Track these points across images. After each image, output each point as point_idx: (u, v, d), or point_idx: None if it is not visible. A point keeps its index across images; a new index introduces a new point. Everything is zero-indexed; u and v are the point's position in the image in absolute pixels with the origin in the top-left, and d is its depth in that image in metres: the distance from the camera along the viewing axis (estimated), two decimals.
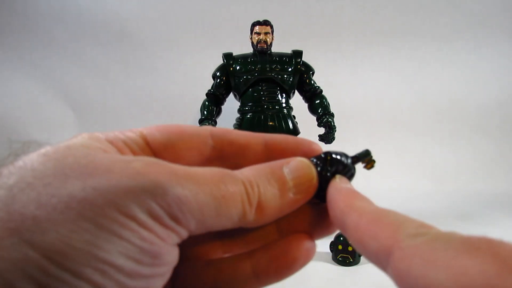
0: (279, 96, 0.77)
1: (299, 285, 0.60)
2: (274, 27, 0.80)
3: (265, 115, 0.75)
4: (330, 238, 0.68)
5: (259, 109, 0.76)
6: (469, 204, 1.01)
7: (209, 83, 0.81)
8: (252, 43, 0.79)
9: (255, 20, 0.79)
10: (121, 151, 0.17)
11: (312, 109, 0.80)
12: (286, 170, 0.18)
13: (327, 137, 0.76)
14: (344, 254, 0.65)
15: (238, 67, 0.78)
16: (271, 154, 0.20)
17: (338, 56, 1.29)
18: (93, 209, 0.13)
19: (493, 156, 1.28)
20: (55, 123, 1.27)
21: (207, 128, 0.20)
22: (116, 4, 1.26)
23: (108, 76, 1.29)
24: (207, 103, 0.79)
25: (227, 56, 0.79)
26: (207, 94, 0.80)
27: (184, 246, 0.19)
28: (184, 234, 0.15)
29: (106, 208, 0.13)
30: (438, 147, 1.29)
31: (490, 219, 0.89)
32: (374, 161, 0.22)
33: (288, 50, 0.81)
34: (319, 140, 0.77)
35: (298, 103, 0.81)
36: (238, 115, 0.80)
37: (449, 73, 1.32)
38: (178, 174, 0.15)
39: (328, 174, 0.19)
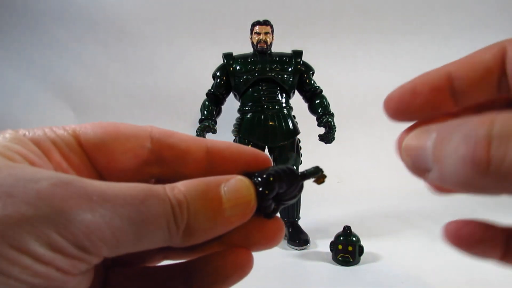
0: (279, 96, 0.77)
1: (299, 285, 0.60)
2: (274, 27, 0.80)
3: (265, 115, 0.75)
4: (330, 238, 0.68)
5: (259, 109, 0.76)
6: (469, 204, 1.01)
7: (209, 83, 0.81)
8: (252, 43, 0.79)
9: (255, 20, 0.79)
10: (47, 154, 0.16)
11: (312, 109, 0.80)
12: (224, 189, 0.16)
13: (327, 137, 0.76)
14: (344, 254, 0.65)
15: (238, 67, 0.78)
16: (213, 161, 0.19)
17: (338, 56, 1.29)
18: None
19: None
20: (55, 123, 1.27)
21: (147, 129, 0.19)
22: (116, 4, 1.26)
23: (108, 75, 1.29)
24: (207, 103, 0.79)
25: (227, 56, 0.79)
26: (207, 94, 0.80)
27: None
28: (96, 260, 0.14)
29: None
30: None
31: (490, 219, 0.89)
32: (325, 176, 0.21)
33: (288, 50, 0.81)
34: (319, 140, 0.77)
35: (298, 103, 0.81)
36: (238, 115, 0.80)
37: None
38: (92, 197, 0.14)
39: (268, 194, 0.18)
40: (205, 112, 0.77)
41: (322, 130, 0.77)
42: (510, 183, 0.11)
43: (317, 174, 0.20)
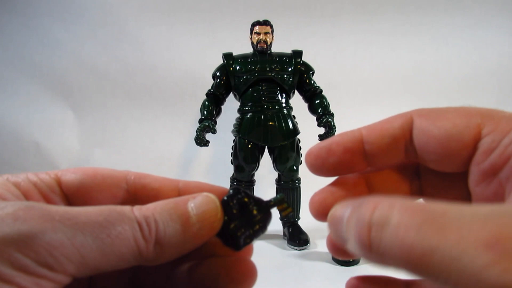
0: (279, 96, 0.77)
1: (299, 285, 0.60)
2: (274, 27, 0.80)
3: (265, 115, 0.75)
4: None
5: (259, 109, 0.76)
6: None
7: (209, 83, 0.81)
8: (252, 43, 0.79)
9: (255, 20, 0.79)
10: (26, 194, 0.17)
11: (312, 109, 0.80)
12: (191, 205, 0.17)
13: (327, 137, 0.76)
14: None
15: (238, 67, 0.78)
16: None
17: (338, 56, 1.29)
18: None
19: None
20: (55, 123, 1.27)
21: (123, 171, 0.21)
22: (116, 4, 1.25)
23: (108, 75, 1.29)
24: (207, 103, 0.79)
25: (227, 56, 0.79)
26: (207, 94, 0.80)
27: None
28: (64, 279, 0.15)
29: None
30: None
31: None
32: (289, 209, 0.22)
33: (288, 50, 0.81)
34: (319, 140, 0.77)
35: (298, 103, 0.81)
36: (238, 115, 0.80)
37: (449, 73, 1.32)
38: (54, 217, 0.14)
39: (232, 205, 0.19)
40: (205, 112, 0.77)
41: (322, 130, 0.77)
42: (388, 262, 0.13)
43: (282, 203, 0.21)
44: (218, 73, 0.80)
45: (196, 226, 0.17)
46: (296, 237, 0.74)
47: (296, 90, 0.81)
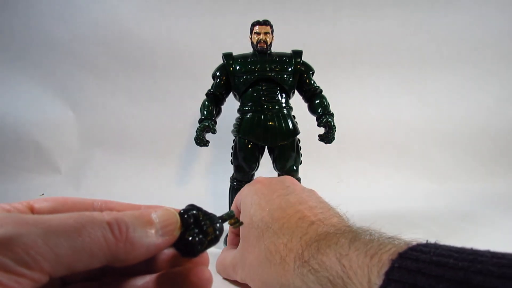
0: (279, 96, 0.77)
1: None
2: (274, 27, 0.80)
3: (265, 115, 0.75)
4: None
5: (259, 109, 0.76)
6: (469, 204, 1.01)
7: (209, 83, 0.81)
8: (252, 43, 0.79)
9: (255, 20, 0.79)
10: None
11: (312, 109, 0.80)
12: (154, 215, 0.20)
13: (327, 137, 0.76)
14: None
15: (238, 67, 0.78)
16: None
17: (338, 56, 1.29)
18: None
19: (493, 156, 1.28)
20: (55, 123, 1.27)
21: (90, 199, 0.23)
22: (116, 4, 1.26)
23: (108, 76, 1.29)
24: (206, 103, 0.79)
25: (227, 56, 0.79)
26: (206, 94, 0.80)
27: None
28: (41, 277, 0.16)
29: None
30: (438, 147, 1.30)
31: (490, 219, 0.89)
32: (240, 223, 0.25)
33: (288, 50, 0.81)
34: (319, 140, 0.77)
35: (298, 103, 0.81)
36: (238, 115, 0.80)
37: (449, 74, 1.32)
38: (28, 222, 0.16)
39: (188, 217, 0.21)
40: (205, 112, 0.77)
41: (322, 130, 0.77)
42: None
43: (231, 218, 0.24)
44: (218, 73, 0.80)
45: (159, 232, 0.20)
46: None
47: (296, 90, 0.81)
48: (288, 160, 0.77)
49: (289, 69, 0.77)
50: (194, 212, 0.22)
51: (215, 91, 0.79)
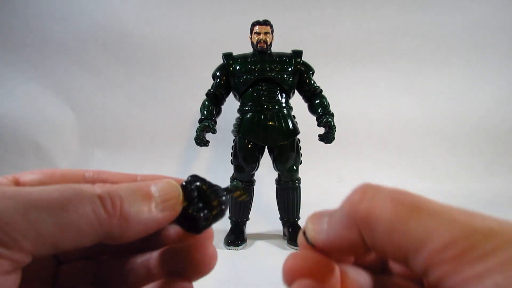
0: (279, 96, 0.77)
1: None
2: (274, 27, 0.80)
3: (265, 115, 0.75)
4: None
5: (259, 109, 0.76)
6: (469, 204, 1.01)
7: (209, 83, 0.81)
8: (252, 43, 0.79)
9: (255, 20, 0.79)
10: None
11: (312, 109, 0.80)
12: (153, 188, 0.18)
13: (327, 137, 0.76)
14: None
15: (238, 67, 0.78)
16: None
17: (339, 57, 1.29)
18: None
19: (493, 156, 1.28)
20: (55, 123, 1.27)
21: (81, 170, 0.21)
22: (116, 5, 1.25)
23: (108, 76, 1.29)
24: (207, 103, 0.79)
25: (227, 56, 0.79)
26: (207, 94, 0.80)
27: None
28: (22, 257, 0.14)
29: None
30: (437, 147, 1.29)
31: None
32: (245, 195, 0.23)
33: (288, 50, 0.81)
34: (319, 140, 0.77)
35: (298, 103, 0.81)
36: (238, 115, 0.80)
37: (449, 74, 1.32)
38: (5, 195, 0.14)
39: (194, 196, 0.19)
40: (205, 112, 0.77)
41: (322, 130, 0.77)
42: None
43: (237, 190, 0.22)
44: (218, 73, 0.80)
45: (159, 207, 0.17)
46: (296, 237, 0.74)
47: (296, 90, 0.81)
48: (288, 160, 0.77)
49: (289, 69, 0.77)
50: (198, 183, 0.20)
51: (215, 91, 0.79)
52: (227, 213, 0.78)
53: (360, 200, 0.15)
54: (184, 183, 0.19)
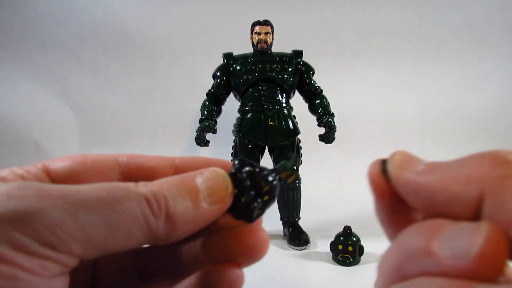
0: (279, 96, 0.77)
1: (299, 285, 0.60)
2: (274, 27, 0.80)
3: (265, 115, 0.75)
4: (331, 238, 0.68)
5: (259, 109, 0.76)
6: None
7: (209, 83, 0.81)
8: (252, 43, 0.79)
9: (255, 20, 0.79)
10: None
11: (312, 109, 0.80)
12: (199, 181, 0.16)
13: (327, 137, 0.76)
14: (344, 254, 0.65)
15: (238, 67, 0.78)
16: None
17: (338, 58, 1.29)
18: None
19: None
20: (55, 123, 1.27)
21: (114, 154, 0.19)
22: (116, 5, 1.25)
23: (108, 76, 1.29)
24: (207, 103, 0.79)
25: (228, 56, 0.79)
26: (207, 94, 0.80)
27: (102, 286, 0.18)
28: (70, 260, 0.13)
29: None
30: (438, 147, 1.29)
31: None
32: (294, 175, 0.21)
33: (288, 50, 0.81)
34: (320, 140, 0.77)
35: (298, 103, 0.81)
36: (238, 115, 0.80)
37: (449, 74, 1.32)
38: (52, 194, 0.13)
39: (246, 184, 0.18)
40: (205, 112, 0.77)
41: (322, 130, 0.77)
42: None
43: (285, 171, 0.20)
44: (218, 73, 0.80)
45: (207, 201, 0.16)
46: (297, 237, 0.74)
47: (296, 90, 0.81)
48: (288, 160, 0.77)
49: (290, 69, 0.77)
50: (248, 169, 0.18)
51: (216, 91, 0.79)
52: None
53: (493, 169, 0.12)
54: (233, 171, 0.18)
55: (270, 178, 0.19)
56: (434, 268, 0.11)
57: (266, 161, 0.80)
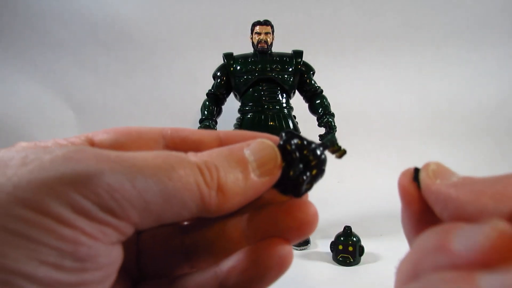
0: (280, 96, 0.77)
1: (299, 285, 0.60)
2: (274, 27, 0.80)
3: (266, 115, 0.75)
4: (331, 238, 0.68)
5: (260, 109, 0.76)
6: None
7: (209, 83, 0.81)
8: (253, 43, 0.79)
9: (256, 20, 0.79)
10: None
11: (313, 109, 0.80)
12: (247, 152, 0.16)
13: (328, 137, 0.76)
14: (345, 254, 0.65)
15: (238, 67, 0.78)
16: None
17: (339, 57, 1.29)
18: None
19: (493, 156, 1.28)
20: (55, 123, 1.27)
21: (158, 127, 0.19)
22: (117, 4, 1.26)
23: (108, 76, 1.29)
24: (207, 103, 0.79)
25: (228, 56, 0.79)
26: (207, 94, 0.80)
27: (147, 263, 0.17)
28: (127, 228, 0.13)
29: (12, 206, 0.11)
30: (438, 147, 1.29)
31: None
32: (343, 150, 0.20)
33: (288, 50, 0.81)
34: (320, 139, 0.77)
35: (298, 103, 0.81)
36: (239, 115, 0.80)
37: (449, 73, 1.32)
38: (110, 158, 0.13)
39: (295, 157, 0.17)
40: (205, 112, 0.77)
41: (322, 130, 0.77)
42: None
43: (333, 145, 0.19)
44: (218, 73, 0.80)
45: (256, 173, 0.16)
46: None
47: (296, 90, 0.81)
48: None
49: (290, 69, 0.77)
50: (296, 141, 0.17)
51: (216, 91, 0.79)
52: None
53: None
54: (281, 143, 0.17)
55: (318, 152, 0.18)
56: (446, 262, 0.12)
57: None
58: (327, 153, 0.19)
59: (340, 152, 0.20)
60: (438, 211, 0.15)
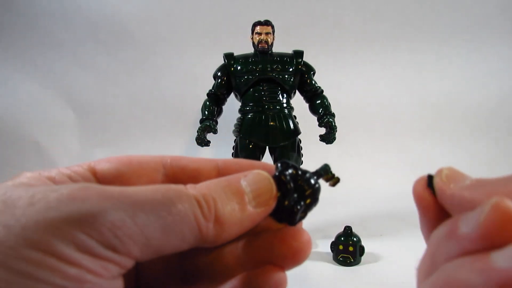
0: (280, 96, 0.77)
1: (299, 285, 0.60)
2: (275, 27, 0.80)
3: (266, 115, 0.75)
4: (331, 238, 0.68)
5: (260, 109, 0.76)
6: None
7: (209, 83, 0.81)
8: (253, 43, 0.79)
9: (256, 20, 0.79)
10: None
11: (313, 109, 0.80)
12: (244, 183, 0.17)
13: (328, 137, 0.76)
14: (345, 254, 0.65)
15: (239, 67, 0.78)
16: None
17: (339, 57, 1.29)
18: (2, 251, 0.12)
19: (493, 156, 1.28)
20: (55, 123, 1.27)
21: (158, 156, 0.20)
22: (117, 4, 1.26)
23: (108, 76, 1.29)
24: (208, 103, 0.79)
25: (228, 56, 0.79)
26: (208, 94, 0.80)
27: (142, 282, 0.18)
28: (128, 262, 0.14)
29: (18, 247, 0.12)
30: (438, 147, 1.29)
31: None
32: (336, 178, 0.21)
33: (289, 50, 0.81)
34: (320, 140, 0.77)
35: (299, 103, 0.81)
36: (239, 115, 0.80)
37: (449, 73, 1.32)
38: (113, 196, 0.13)
39: (290, 187, 0.18)
40: (206, 112, 0.77)
41: (323, 131, 0.77)
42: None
43: (327, 174, 0.20)
44: (219, 73, 0.80)
45: (252, 204, 0.16)
46: None
47: (296, 90, 0.81)
48: (289, 160, 0.77)
49: (290, 69, 0.77)
50: (291, 171, 0.18)
51: (216, 91, 0.79)
52: None
53: None
54: (277, 173, 0.18)
55: (312, 181, 0.19)
56: (457, 249, 0.12)
57: (267, 162, 0.80)
58: (321, 181, 0.20)
59: (334, 180, 0.21)
60: (455, 214, 0.15)
